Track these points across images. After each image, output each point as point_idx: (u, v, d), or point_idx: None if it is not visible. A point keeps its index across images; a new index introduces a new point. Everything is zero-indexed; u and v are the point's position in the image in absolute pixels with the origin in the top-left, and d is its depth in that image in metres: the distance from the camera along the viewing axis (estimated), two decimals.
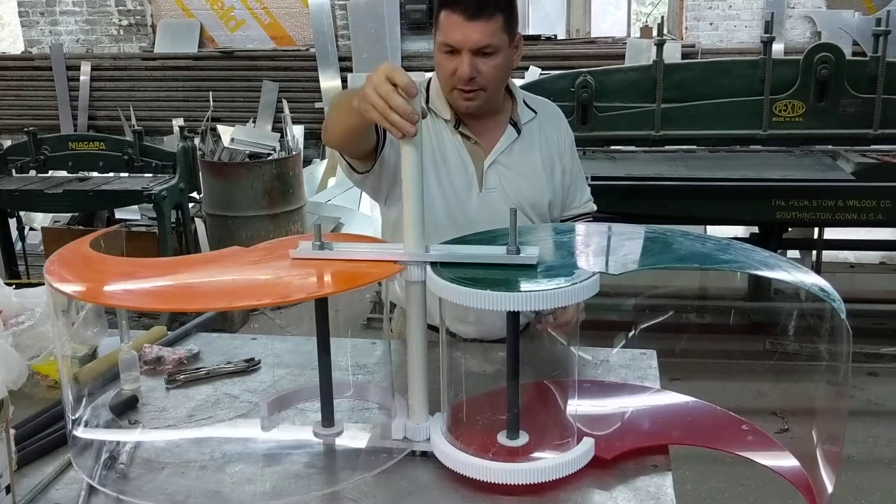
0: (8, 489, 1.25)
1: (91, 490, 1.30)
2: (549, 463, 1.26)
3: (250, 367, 1.73)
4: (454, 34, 1.69)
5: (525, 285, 1.22)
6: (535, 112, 1.92)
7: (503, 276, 1.25)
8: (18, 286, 1.88)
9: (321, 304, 1.37)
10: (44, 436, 1.45)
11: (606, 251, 1.43)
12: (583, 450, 1.30)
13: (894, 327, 4.39)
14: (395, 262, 1.30)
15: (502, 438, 1.34)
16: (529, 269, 1.27)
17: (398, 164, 1.76)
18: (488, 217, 1.77)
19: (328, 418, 1.41)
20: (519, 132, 1.87)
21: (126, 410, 1.57)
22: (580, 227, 1.56)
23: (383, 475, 1.33)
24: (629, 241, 1.48)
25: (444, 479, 1.31)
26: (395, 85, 1.28)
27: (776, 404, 3.72)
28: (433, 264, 1.29)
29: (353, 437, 1.41)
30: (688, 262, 1.37)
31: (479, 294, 1.19)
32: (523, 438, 1.33)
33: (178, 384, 1.67)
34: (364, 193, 2.13)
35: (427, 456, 1.36)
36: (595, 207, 2.07)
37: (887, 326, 4.41)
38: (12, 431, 1.29)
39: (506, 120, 1.87)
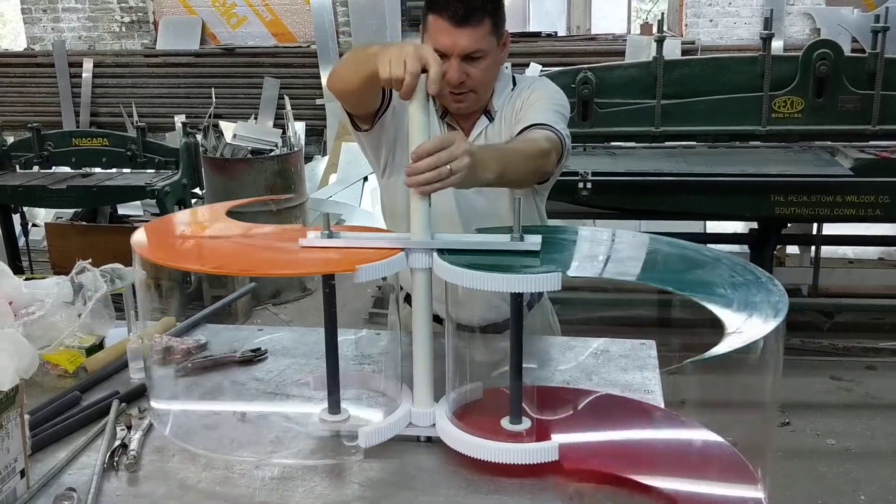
0: (23, 473, 1.28)
1: (103, 474, 1.33)
2: (493, 446, 1.29)
3: (257, 356, 1.76)
4: (442, 40, 1.68)
5: (523, 269, 1.25)
6: (514, 86, 1.88)
7: (507, 262, 1.28)
8: (28, 279, 1.91)
9: (329, 294, 1.39)
10: (56, 422, 1.48)
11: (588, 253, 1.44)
12: (543, 447, 1.29)
13: (892, 322, 4.42)
14: (402, 249, 1.33)
15: (505, 423, 1.37)
16: (531, 257, 1.30)
17: (397, 137, 1.80)
18: (466, 212, 1.78)
19: (335, 405, 1.44)
20: (492, 119, 1.85)
21: (135, 399, 1.60)
22: (584, 231, 1.56)
23: (389, 459, 1.36)
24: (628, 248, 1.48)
25: (447, 463, 1.34)
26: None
27: (777, 398, 3.75)
28: (440, 251, 1.32)
29: (360, 424, 1.43)
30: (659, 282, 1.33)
31: (482, 276, 1.22)
32: (526, 423, 1.36)
33: (186, 373, 1.70)
34: (363, 192, 2.13)
35: (432, 441, 1.39)
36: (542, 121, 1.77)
37: (885, 321, 4.44)
38: (27, 417, 1.32)
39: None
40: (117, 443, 1.41)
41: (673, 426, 1.46)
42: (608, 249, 1.47)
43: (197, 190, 5.02)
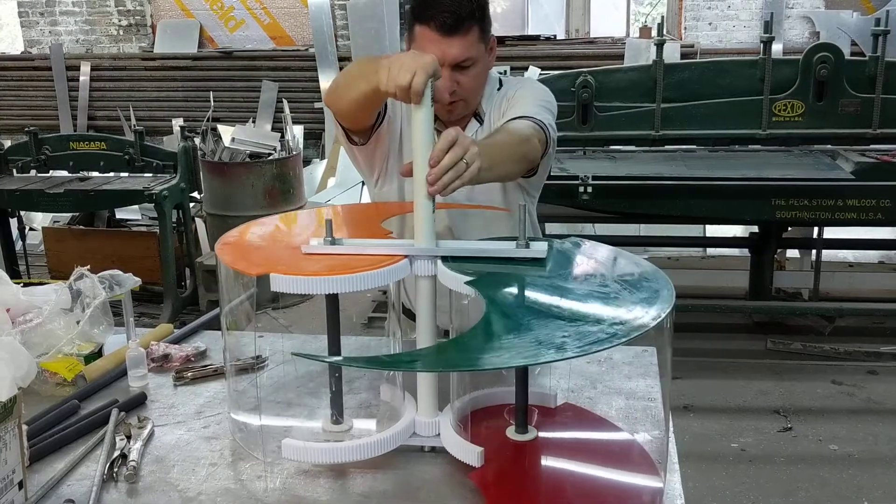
0: (21, 485, 1.26)
1: (102, 485, 1.31)
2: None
3: (257, 364, 1.74)
4: (431, 49, 1.65)
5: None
6: (501, 87, 1.88)
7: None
8: (26, 285, 1.89)
9: (332, 300, 1.38)
10: (54, 432, 1.46)
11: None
12: (467, 448, 1.29)
13: (893, 326, 4.41)
14: (405, 256, 1.31)
15: (511, 433, 1.35)
16: (538, 265, 1.28)
17: (391, 146, 1.79)
18: (456, 218, 1.76)
19: (338, 415, 1.42)
20: (481, 122, 1.84)
21: (135, 407, 1.58)
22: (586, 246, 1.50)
23: (393, 470, 1.34)
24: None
25: (453, 473, 1.32)
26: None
27: (778, 403, 3.74)
28: (443, 258, 1.30)
29: (363, 434, 1.42)
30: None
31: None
32: (532, 433, 1.34)
33: (185, 381, 1.68)
34: (362, 195, 2.09)
35: (436, 451, 1.37)
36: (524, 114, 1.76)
37: (886, 325, 4.43)
38: (24, 427, 1.30)
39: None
40: (117, 453, 1.39)
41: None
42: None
43: (195, 194, 5.00)
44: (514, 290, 1.24)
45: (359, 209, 1.83)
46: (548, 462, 1.34)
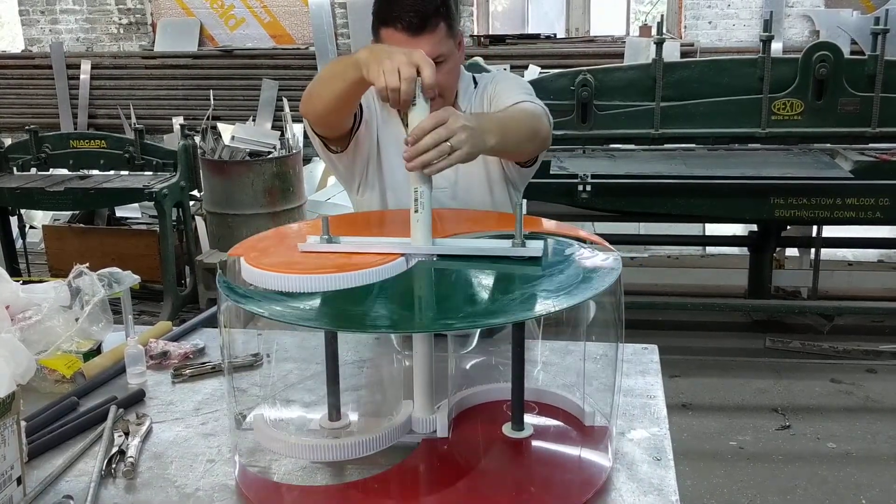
0: (19, 481, 1.26)
1: (100, 481, 1.32)
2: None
3: (257, 361, 1.74)
4: None
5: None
6: (476, 85, 1.87)
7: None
8: (25, 283, 1.90)
9: None
10: (53, 429, 1.47)
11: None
12: (443, 422, 1.33)
13: (892, 325, 4.41)
14: (402, 254, 1.31)
15: (507, 430, 1.35)
16: (532, 263, 1.29)
17: (371, 152, 1.79)
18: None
19: (334, 411, 1.43)
20: None
21: (133, 404, 1.58)
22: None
23: (390, 467, 1.34)
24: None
25: None
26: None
27: (777, 401, 3.74)
28: (440, 257, 1.31)
29: (360, 430, 1.42)
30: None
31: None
32: (528, 430, 1.35)
33: (184, 378, 1.69)
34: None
35: None
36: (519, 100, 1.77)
37: (885, 324, 4.43)
38: (23, 424, 1.30)
39: None
40: (115, 449, 1.39)
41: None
42: None
43: (195, 192, 5.01)
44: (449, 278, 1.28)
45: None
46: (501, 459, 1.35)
